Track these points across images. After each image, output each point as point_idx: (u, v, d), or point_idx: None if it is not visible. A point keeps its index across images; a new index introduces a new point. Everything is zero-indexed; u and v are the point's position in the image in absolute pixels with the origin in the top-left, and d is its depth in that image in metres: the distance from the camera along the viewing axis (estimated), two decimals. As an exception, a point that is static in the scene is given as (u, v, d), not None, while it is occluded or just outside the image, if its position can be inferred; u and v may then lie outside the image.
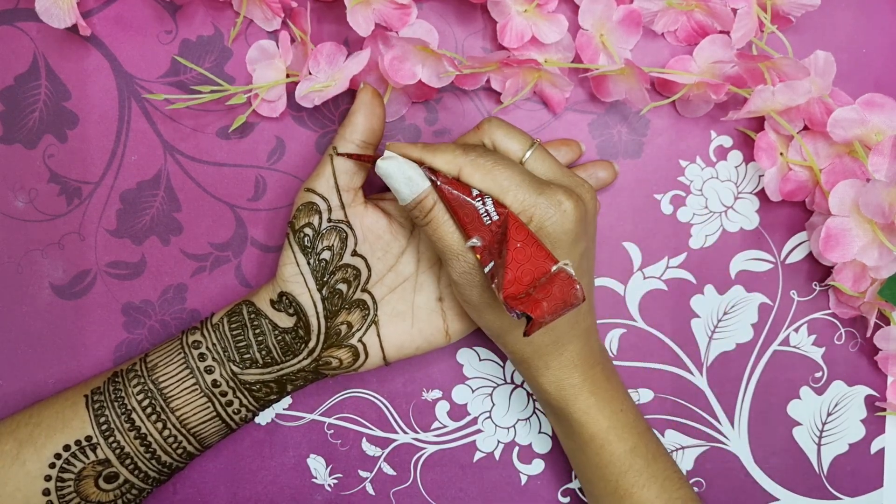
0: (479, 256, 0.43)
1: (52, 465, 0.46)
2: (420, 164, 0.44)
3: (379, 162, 0.44)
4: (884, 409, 0.54)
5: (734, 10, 0.48)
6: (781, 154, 0.50)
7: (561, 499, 0.55)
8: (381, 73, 0.49)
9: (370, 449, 0.54)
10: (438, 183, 0.43)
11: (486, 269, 0.43)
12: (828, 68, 0.48)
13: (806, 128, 0.50)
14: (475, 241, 0.43)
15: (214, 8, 0.51)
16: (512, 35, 0.49)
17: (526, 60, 0.48)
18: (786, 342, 0.54)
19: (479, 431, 0.54)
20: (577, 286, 0.41)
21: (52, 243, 0.52)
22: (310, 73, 0.48)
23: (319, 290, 0.47)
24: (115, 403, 0.46)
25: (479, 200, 0.43)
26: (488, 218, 0.43)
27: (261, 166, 0.52)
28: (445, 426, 0.54)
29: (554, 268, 0.41)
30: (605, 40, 0.50)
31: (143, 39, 0.51)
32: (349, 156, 0.46)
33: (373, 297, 0.48)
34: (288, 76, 0.50)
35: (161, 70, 0.51)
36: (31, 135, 0.51)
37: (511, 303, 0.40)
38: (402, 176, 0.44)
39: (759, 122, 0.51)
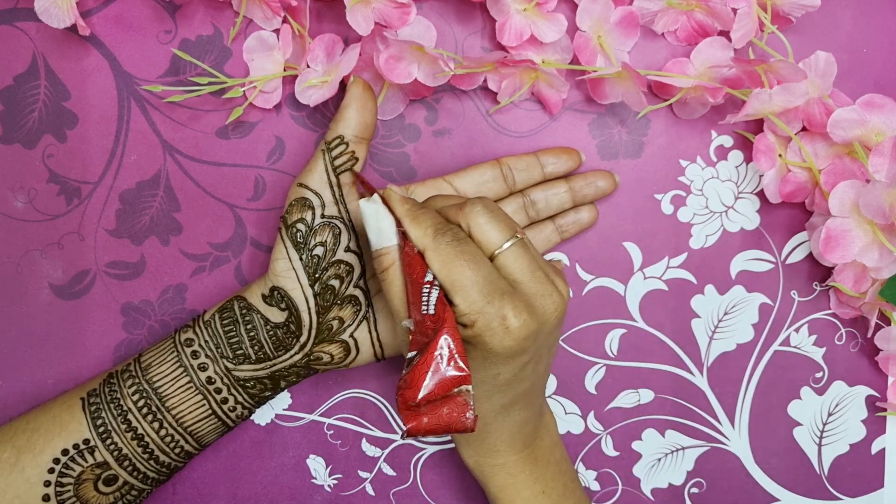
0: (410, 338, 0.42)
1: (51, 471, 0.46)
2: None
3: (361, 202, 0.43)
4: (884, 410, 0.54)
5: (734, 10, 0.48)
6: (780, 156, 0.50)
7: (561, 499, 0.55)
8: (376, 70, 0.48)
9: (370, 449, 0.54)
10: (404, 250, 0.43)
11: (408, 356, 0.41)
12: (828, 69, 0.47)
13: (804, 129, 0.50)
14: (407, 323, 0.42)
15: (214, 7, 0.51)
16: (511, 33, 0.49)
17: (522, 61, 0.47)
18: (786, 342, 0.54)
19: (478, 431, 0.54)
20: (469, 414, 0.40)
21: (51, 243, 0.52)
22: (308, 66, 0.48)
23: (312, 286, 0.46)
24: (112, 405, 0.46)
25: (427, 287, 0.41)
26: (426, 309, 0.41)
27: (261, 166, 0.52)
28: (445, 426, 0.54)
29: (455, 389, 0.40)
30: (602, 42, 0.49)
31: (142, 39, 0.51)
32: (355, 175, 0.46)
33: (365, 293, 0.48)
34: (286, 70, 0.50)
35: (160, 70, 0.51)
36: (30, 135, 0.51)
37: (399, 403, 0.40)
38: (375, 225, 0.43)
39: (757, 124, 0.51)
